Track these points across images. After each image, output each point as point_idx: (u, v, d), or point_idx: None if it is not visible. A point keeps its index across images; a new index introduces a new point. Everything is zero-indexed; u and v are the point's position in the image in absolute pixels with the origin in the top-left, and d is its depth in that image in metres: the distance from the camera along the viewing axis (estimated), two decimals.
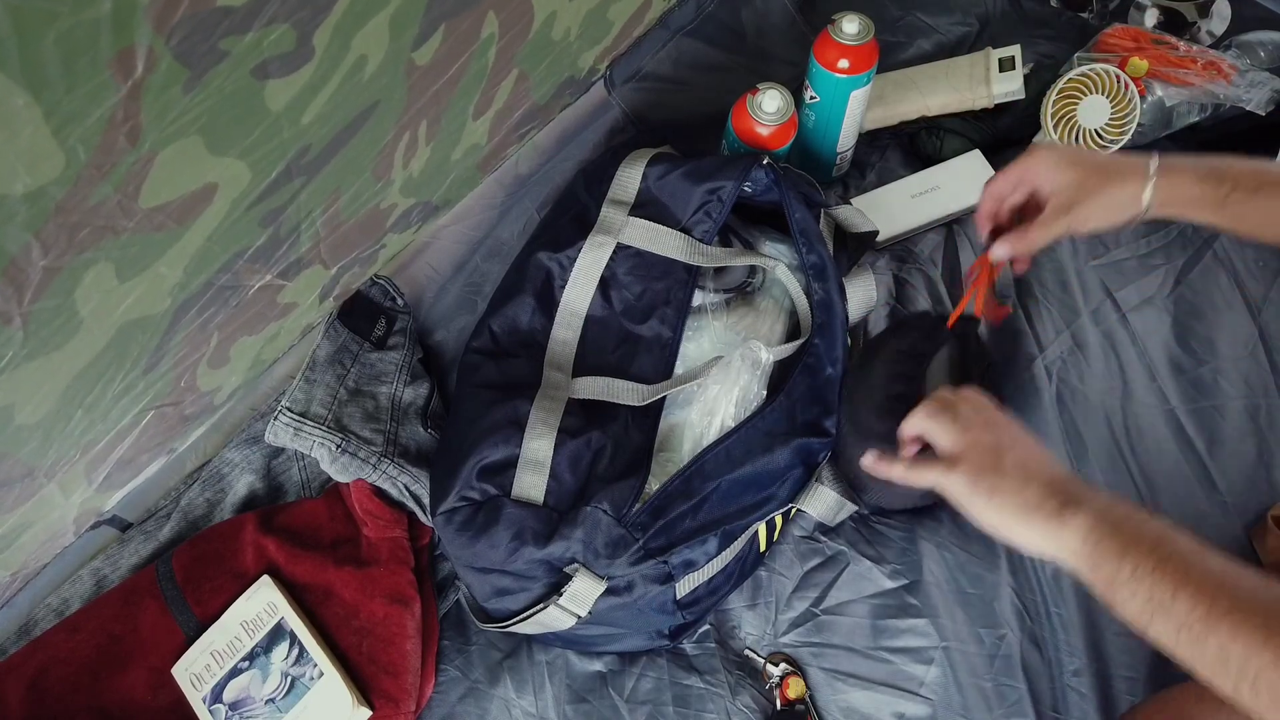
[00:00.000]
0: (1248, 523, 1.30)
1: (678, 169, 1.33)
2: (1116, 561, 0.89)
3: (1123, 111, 1.49)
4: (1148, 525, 0.90)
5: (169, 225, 0.85)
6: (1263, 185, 1.10)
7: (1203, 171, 1.12)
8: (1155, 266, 1.46)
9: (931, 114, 1.58)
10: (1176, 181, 1.12)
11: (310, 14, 0.81)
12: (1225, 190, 1.10)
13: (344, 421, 1.32)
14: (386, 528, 1.32)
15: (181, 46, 0.71)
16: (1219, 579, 0.85)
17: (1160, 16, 1.63)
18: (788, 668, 1.27)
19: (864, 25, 1.38)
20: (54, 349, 0.85)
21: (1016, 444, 1.01)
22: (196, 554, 1.32)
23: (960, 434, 1.03)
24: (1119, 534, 0.90)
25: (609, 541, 1.13)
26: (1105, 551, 0.90)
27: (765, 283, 1.38)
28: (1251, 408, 1.36)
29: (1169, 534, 0.89)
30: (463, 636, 1.34)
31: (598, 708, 1.28)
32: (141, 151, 0.75)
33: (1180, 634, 0.84)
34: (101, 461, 1.12)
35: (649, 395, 1.24)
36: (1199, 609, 0.84)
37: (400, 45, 0.96)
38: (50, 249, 0.75)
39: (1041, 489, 0.96)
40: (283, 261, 1.08)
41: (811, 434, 1.23)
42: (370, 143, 1.04)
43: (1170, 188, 1.12)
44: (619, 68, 1.61)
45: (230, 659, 1.26)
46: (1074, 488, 0.96)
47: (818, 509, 1.26)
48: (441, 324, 1.50)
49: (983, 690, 1.23)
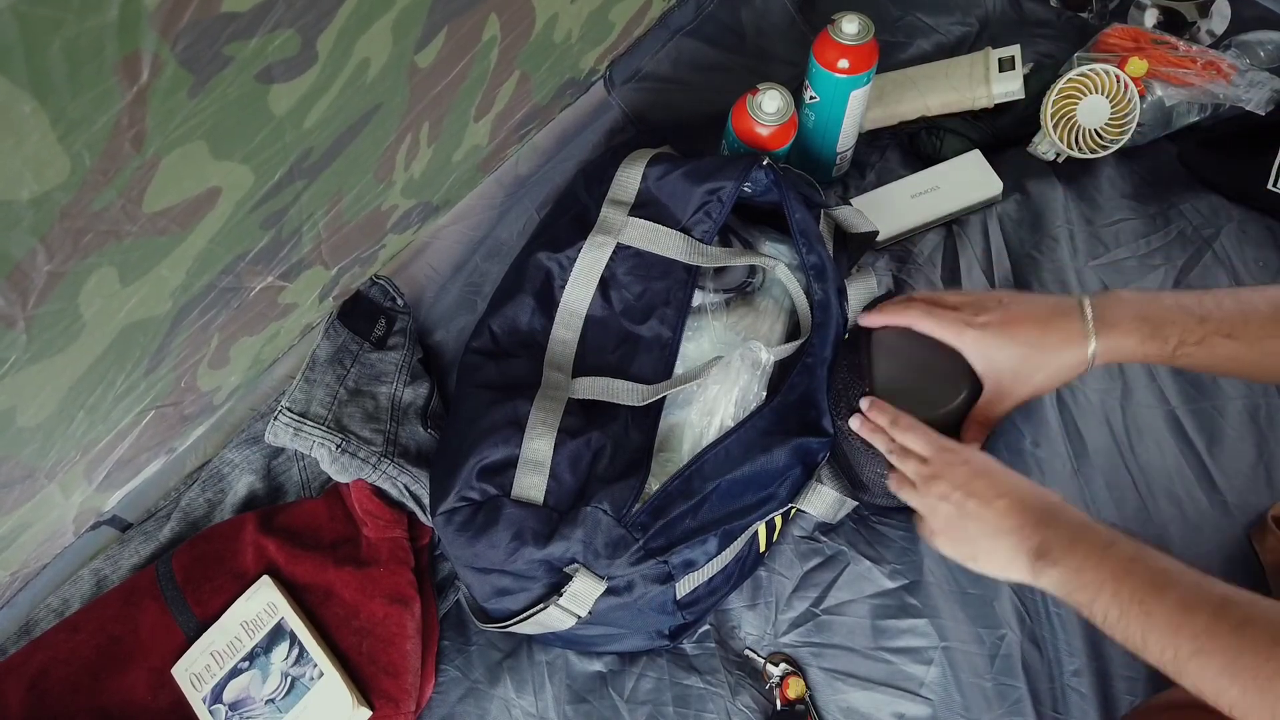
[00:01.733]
0: (1248, 523, 1.30)
1: (677, 169, 1.33)
2: (1089, 609, 0.95)
3: (1122, 111, 1.49)
4: (1107, 564, 0.96)
5: (172, 229, 0.85)
6: (1206, 337, 1.07)
7: (1146, 331, 1.10)
8: (1155, 266, 1.46)
9: (931, 114, 1.58)
10: (1117, 345, 1.11)
11: (315, 18, 0.81)
12: (1171, 346, 1.09)
13: (344, 421, 1.32)
14: (386, 528, 1.32)
15: (186, 52, 0.71)
16: (1179, 620, 0.90)
17: (1160, 16, 1.63)
18: (788, 668, 1.27)
19: (864, 25, 1.38)
20: (57, 352, 0.85)
21: (979, 512, 1.06)
22: (196, 554, 1.32)
23: (924, 500, 1.11)
24: (1084, 589, 0.96)
25: (609, 541, 1.13)
26: (1078, 602, 0.97)
27: (765, 283, 1.38)
28: (1251, 408, 1.36)
29: (1131, 573, 0.94)
30: (463, 636, 1.34)
31: (598, 708, 1.28)
32: (146, 156, 0.75)
33: (1165, 668, 0.91)
34: (101, 462, 1.12)
35: (649, 395, 1.24)
36: (1166, 653, 0.90)
37: (403, 48, 0.96)
38: (55, 254, 0.75)
39: (1011, 549, 1.03)
40: (284, 263, 1.08)
41: (810, 434, 1.22)
42: (372, 145, 1.04)
43: (1110, 353, 1.12)
44: (619, 68, 1.61)
45: (230, 659, 1.26)
46: (1043, 535, 1.01)
47: (818, 508, 1.26)
48: (441, 324, 1.50)
49: (983, 690, 1.23)
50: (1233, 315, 1.07)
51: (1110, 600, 0.93)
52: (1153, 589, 0.91)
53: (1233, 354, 1.07)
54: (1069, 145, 1.51)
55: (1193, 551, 1.29)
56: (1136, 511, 1.31)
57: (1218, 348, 1.07)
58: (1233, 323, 1.06)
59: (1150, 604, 0.91)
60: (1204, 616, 0.88)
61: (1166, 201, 1.53)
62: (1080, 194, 1.54)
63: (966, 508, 1.06)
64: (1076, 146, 1.51)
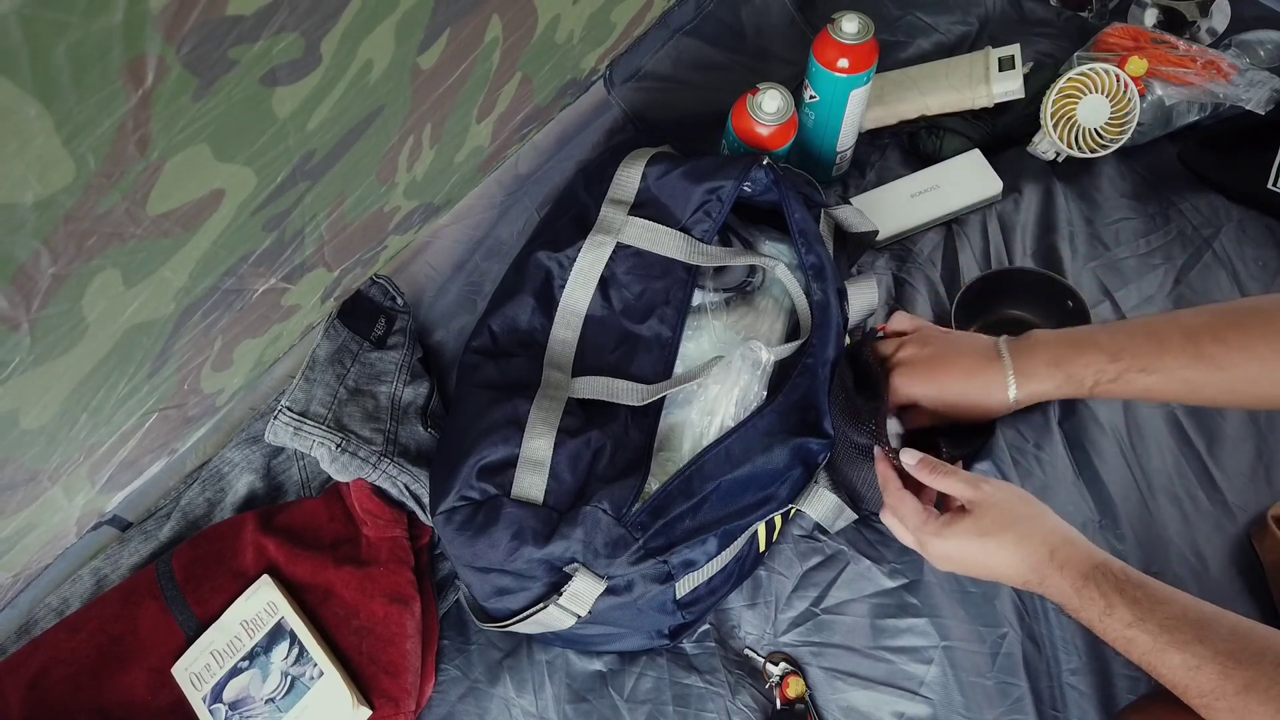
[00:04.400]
0: (1248, 523, 1.31)
1: (677, 169, 1.33)
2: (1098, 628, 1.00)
3: (1122, 111, 1.49)
4: (1110, 602, 0.99)
5: (176, 231, 0.85)
6: (1121, 374, 1.11)
7: (1060, 377, 1.15)
8: (1155, 266, 1.47)
9: (931, 113, 1.58)
10: (1036, 390, 1.17)
11: (319, 21, 0.81)
12: (1088, 386, 1.13)
13: (344, 421, 1.32)
14: (386, 527, 1.32)
15: (191, 56, 0.71)
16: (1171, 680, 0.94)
17: (1160, 15, 1.64)
18: (788, 667, 1.27)
19: (863, 24, 1.38)
20: (60, 354, 0.85)
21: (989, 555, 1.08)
22: (196, 554, 1.32)
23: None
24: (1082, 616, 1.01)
25: (609, 541, 1.13)
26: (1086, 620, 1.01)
27: (765, 282, 1.38)
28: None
29: (1126, 613, 0.97)
30: (463, 636, 1.34)
31: (598, 707, 1.28)
32: (150, 159, 0.75)
33: None
34: (105, 464, 1.12)
35: (649, 395, 1.24)
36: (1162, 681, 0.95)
37: (406, 50, 0.96)
38: (59, 256, 0.75)
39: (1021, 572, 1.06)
40: (287, 265, 1.08)
41: (810, 434, 1.22)
42: (375, 147, 1.04)
43: (1031, 397, 1.18)
44: (618, 67, 1.61)
45: (230, 659, 1.26)
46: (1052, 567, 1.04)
47: (817, 511, 1.26)
48: (441, 324, 1.50)
49: (983, 689, 1.23)
50: (1146, 350, 1.10)
51: (1115, 636, 0.98)
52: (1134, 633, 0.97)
53: (1149, 386, 1.11)
54: (1069, 145, 1.51)
55: (1193, 551, 1.29)
56: (1138, 512, 1.31)
57: (1134, 382, 1.11)
58: (1147, 357, 1.10)
59: (1139, 651, 0.97)
60: (1190, 650, 0.93)
61: (1166, 201, 1.53)
62: (1080, 193, 1.54)
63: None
64: (1076, 146, 1.52)
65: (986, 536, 1.06)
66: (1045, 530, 1.05)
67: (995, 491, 1.09)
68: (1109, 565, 1.00)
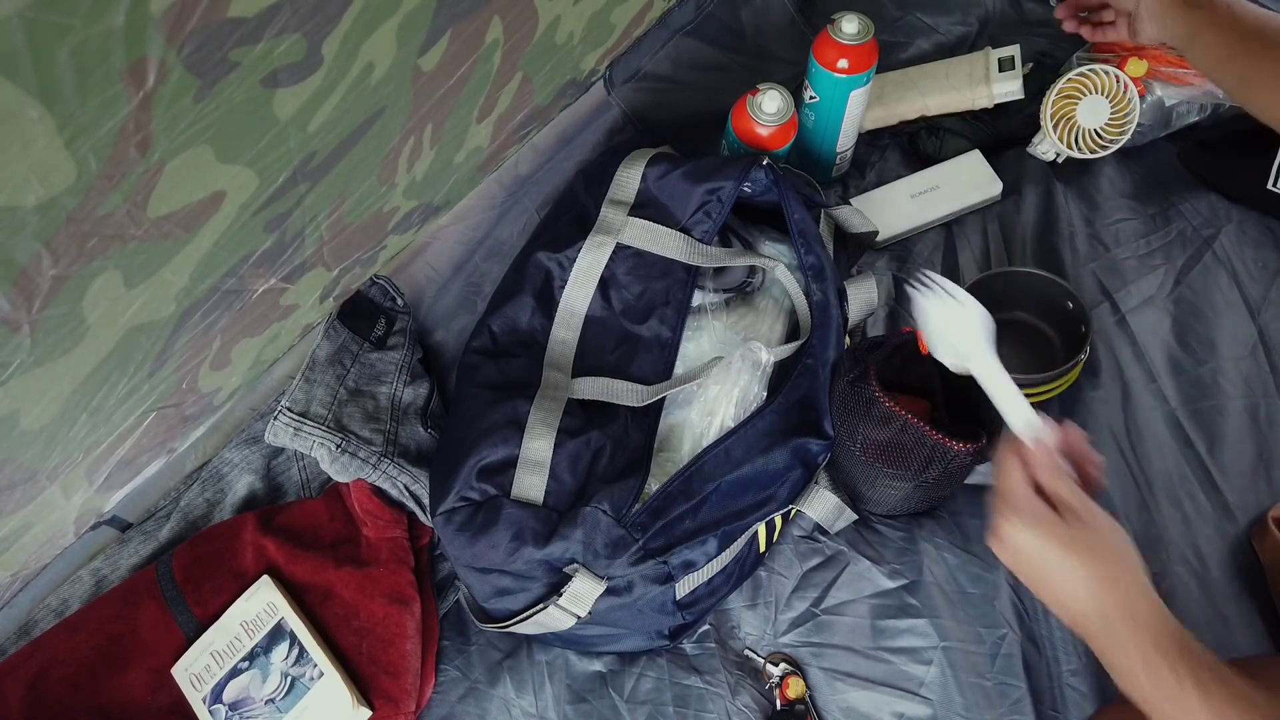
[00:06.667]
0: (1248, 523, 1.31)
1: (677, 169, 1.33)
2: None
3: (1122, 112, 1.49)
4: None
5: (176, 233, 0.85)
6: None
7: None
8: (1155, 267, 1.47)
9: (931, 114, 1.58)
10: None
11: (320, 23, 0.81)
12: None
13: (344, 421, 1.32)
14: (386, 528, 1.32)
15: (193, 57, 0.71)
16: None
17: None
18: (788, 668, 1.27)
19: (863, 25, 1.38)
20: (61, 355, 0.85)
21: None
22: (196, 554, 1.32)
23: None
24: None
25: (609, 542, 1.13)
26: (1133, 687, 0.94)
27: (765, 283, 1.38)
28: (1251, 408, 1.37)
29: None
30: (463, 636, 1.34)
31: (597, 708, 1.28)
32: (151, 161, 0.75)
33: None
34: (103, 463, 1.12)
35: (649, 396, 1.24)
36: None
37: (407, 52, 0.96)
38: (60, 258, 0.75)
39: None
40: (287, 265, 1.08)
41: (810, 435, 1.23)
42: (375, 148, 1.04)
43: None
44: (618, 68, 1.61)
45: (230, 659, 1.26)
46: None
47: (817, 512, 1.26)
48: (441, 324, 1.50)
49: (982, 690, 1.23)
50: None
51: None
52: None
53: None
54: (1069, 145, 1.51)
55: (1193, 552, 1.29)
56: (1138, 512, 1.31)
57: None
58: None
59: None
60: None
61: (1166, 201, 1.53)
62: (1080, 194, 1.54)
63: None
64: (1076, 147, 1.51)
65: (1073, 553, 0.93)
66: (1138, 586, 0.94)
67: (1109, 521, 0.96)
68: (1188, 642, 0.91)
